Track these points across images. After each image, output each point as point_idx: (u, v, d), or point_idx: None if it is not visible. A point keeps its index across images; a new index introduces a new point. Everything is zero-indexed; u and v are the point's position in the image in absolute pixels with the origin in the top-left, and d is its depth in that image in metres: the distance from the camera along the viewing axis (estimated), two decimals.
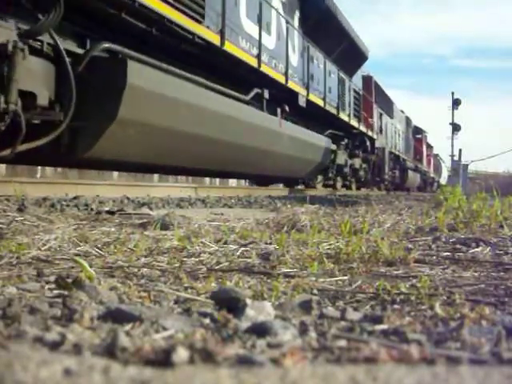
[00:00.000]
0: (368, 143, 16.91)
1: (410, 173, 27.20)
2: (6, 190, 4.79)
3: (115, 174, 16.11)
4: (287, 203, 6.53)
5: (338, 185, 15.28)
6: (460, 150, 33.02)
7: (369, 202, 7.13)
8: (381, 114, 19.83)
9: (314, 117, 11.94)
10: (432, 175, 39.04)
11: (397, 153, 23.38)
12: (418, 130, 33.28)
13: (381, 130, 19.61)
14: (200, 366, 0.78)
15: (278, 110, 9.41)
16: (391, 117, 22.45)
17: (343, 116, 13.52)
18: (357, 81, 15.92)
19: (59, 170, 15.09)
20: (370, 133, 17.12)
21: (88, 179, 6.44)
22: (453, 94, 37.72)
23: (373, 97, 18.32)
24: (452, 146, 36.15)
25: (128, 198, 5.61)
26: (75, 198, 5.05)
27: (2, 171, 12.84)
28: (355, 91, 15.24)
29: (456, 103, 37.15)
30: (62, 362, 0.75)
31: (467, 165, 33.13)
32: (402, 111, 27.40)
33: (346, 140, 15.05)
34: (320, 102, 11.50)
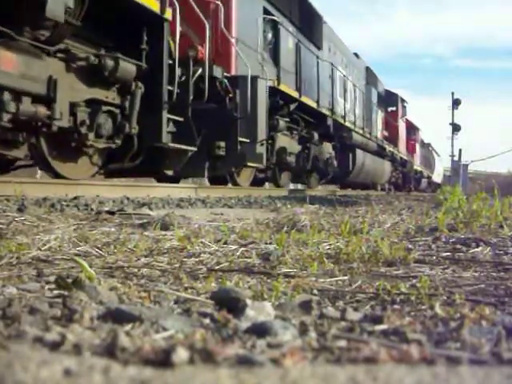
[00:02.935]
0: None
1: (361, 155, 16.13)
2: (6, 189, 4.79)
3: None
4: (287, 203, 6.53)
5: None
6: (460, 150, 32.93)
7: (369, 202, 7.13)
8: (274, 23, 10.39)
9: None
10: (418, 168, 28.98)
11: (324, 111, 12.97)
12: (391, 98, 22.45)
13: (273, 54, 10.34)
14: (200, 366, 0.78)
15: None
16: (318, 46, 12.97)
17: None
18: None
19: None
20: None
21: (88, 179, 6.41)
22: (453, 94, 37.69)
23: None
24: (452, 146, 36.10)
25: (128, 198, 5.61)
26: (75, 198, 5.05)
27: None
28: None
29: (456, 103, 37.14)
30: (62, 362, 0.75)
31: (467, 165, 33.04)
32: (357, 55, 17.95)
33: None
34: None
